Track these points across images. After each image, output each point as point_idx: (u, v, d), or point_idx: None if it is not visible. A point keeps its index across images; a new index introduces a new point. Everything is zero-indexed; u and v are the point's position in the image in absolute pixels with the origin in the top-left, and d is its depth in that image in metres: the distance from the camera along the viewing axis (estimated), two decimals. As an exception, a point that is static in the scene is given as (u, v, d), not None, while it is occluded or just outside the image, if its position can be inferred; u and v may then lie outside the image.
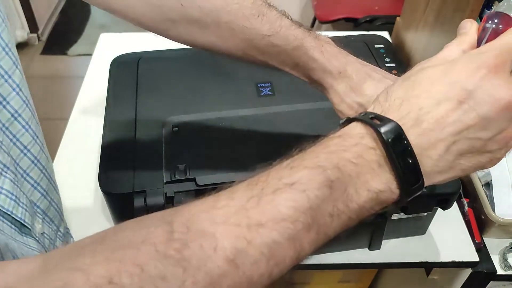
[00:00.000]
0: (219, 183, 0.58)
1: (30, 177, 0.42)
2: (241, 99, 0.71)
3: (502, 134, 0.33)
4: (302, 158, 0.32)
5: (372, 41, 0.86)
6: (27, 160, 0.41)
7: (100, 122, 0.69)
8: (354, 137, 0.33)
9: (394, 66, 0.80)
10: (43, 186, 0.44)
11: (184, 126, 0.67)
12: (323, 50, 0.50)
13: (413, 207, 0.63)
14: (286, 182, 0.30)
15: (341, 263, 0.71)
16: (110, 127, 0.67)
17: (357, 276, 1.20)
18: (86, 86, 1.00)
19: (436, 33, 0.86)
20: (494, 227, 0.71)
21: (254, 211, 0.29)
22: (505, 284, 0.76)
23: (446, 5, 0.80)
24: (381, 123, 0.32)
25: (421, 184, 0.33)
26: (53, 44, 2.67)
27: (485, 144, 0.33)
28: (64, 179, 0.82)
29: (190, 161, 0.61)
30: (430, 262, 0.71)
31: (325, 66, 0.50)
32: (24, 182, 0.41)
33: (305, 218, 0.29)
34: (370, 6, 2.00)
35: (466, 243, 0.73)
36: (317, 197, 0.30)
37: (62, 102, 2.22)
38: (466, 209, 0.76)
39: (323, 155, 0.32)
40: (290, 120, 0.67)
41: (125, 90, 0.73)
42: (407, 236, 0.73)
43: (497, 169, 0.75)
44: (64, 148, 0.86)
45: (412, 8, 0.97)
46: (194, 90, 0.73)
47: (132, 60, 0.79)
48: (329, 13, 2.03)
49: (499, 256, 0.72)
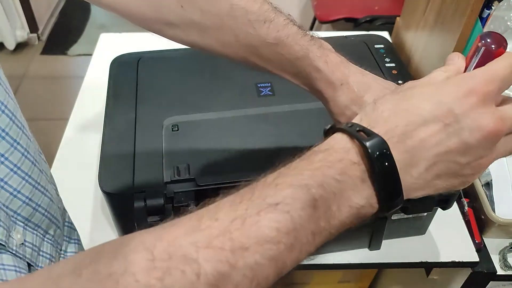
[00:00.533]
0: (219, 183, 0.58)
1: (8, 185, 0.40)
2: (241, 99, 0.71)
3: (478, 161, 0.34)
4: (287, 174, 0.32)
5: (372, 41, 0.86)
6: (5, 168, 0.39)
7: (100, 122, 0.69)
8: (339, 152, 0.33)
9: (394, 66, 0.80)
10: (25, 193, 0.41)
11: (184, 126, 0.67)
12: (328, 60, 0.49)
13: (413, 207, 0.63)
14: (270, 202, 0.30)
15: (341, 263, 0.71)
16: (110, 127, 0.67)
17: (357, 276, 1.20)
18: (86, 86, 1.00)
19: (436, 33, 0.86)
20: (494, 227, 0.71)
21: (238, 233, 0.28)
22: (505, 284, 0.76)
23: (446, 5, 0.80)
24: (368, 137, 0.32)
25: (400, 199, 0.33)
26: (53, 44, 2.67)
27: (461, 168, 0.34)
28: (64, 179, 0.82)
29: (190, 161, 0.61)
30: (430, 262, 0.71)
31: (328, 77, 0.48)
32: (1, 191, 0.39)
33: (288, 239, 0.29)
34: (370, 6, 2.00)
35: (466, 243, 0.73)
36: (300, 217, 0.30)
37: (62, 102, 2.22)
38: (466, 209, 0.76)
39: (307, 172, 0.31)
40: (290, 120, 0.67)
41: (125, 90, 0.73)
42: (407, 236, 0.73)
43: (497, 169, 0.75)
44: (64, 148, 0.87)
45: (412, 8, 0.98)
46: (194, 90, 0.73)
47: (132, 60, 0.79)
48: (329, 13, 2.03)
49: (499, 256, 0.72)
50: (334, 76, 0.49)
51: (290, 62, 0.48)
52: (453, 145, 0.33)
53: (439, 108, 0.33)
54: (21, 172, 0.40)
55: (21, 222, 0.41)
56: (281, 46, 0.47)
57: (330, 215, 0.31)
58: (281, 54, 0.48)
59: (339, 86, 0.49)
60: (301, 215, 0.30)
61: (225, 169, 0.60)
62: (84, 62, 2.47)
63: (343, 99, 0.49)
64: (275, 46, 0.47)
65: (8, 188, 0.39)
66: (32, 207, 0.42)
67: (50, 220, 0.46)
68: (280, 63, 0.49)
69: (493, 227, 0.71)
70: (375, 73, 0.51)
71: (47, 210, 0.45)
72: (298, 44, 0.47)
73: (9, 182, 0.39)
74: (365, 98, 0.49)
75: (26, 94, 2.31)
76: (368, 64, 0.80)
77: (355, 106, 0.49)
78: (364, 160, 0.32)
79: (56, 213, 0.47)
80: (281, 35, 0.47)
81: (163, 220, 0.61)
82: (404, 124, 0.33)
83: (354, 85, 0.49)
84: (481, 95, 0.32)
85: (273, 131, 0.66)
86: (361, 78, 0.50)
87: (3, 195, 0.39)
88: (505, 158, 0.77)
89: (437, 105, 0.33)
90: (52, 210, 0.46)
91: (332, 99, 0.50)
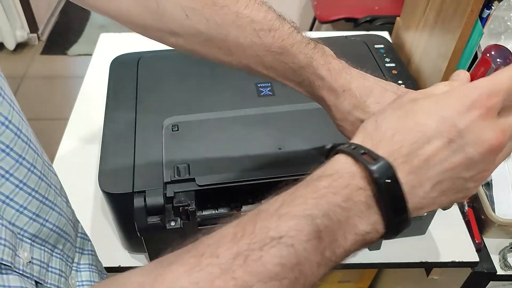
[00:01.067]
0: (219, 183, 0.58)
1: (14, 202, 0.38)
2: (241, 99, 0.71)
3: (482, 173, 0.34)
4: (290, 203, 0.31)
5: (372, 41, 0.86)
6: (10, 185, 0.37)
7: (100, 122, 0.69)
8: (344, 177, 0.31)
9: (394, 66, 0.80)
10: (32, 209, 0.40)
11: (184, 126, 0.67)
12: (330, 68, 0.49)
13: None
14: (273, 236, 0.29)
15: (341, 263, 0.70)
16: (110, 127, 0.67)
17: (357, 276, 1.20)
18: (86, 86, 1.00)
19: (436, 33, 0.86)
20: (494, 227, 0.71)
21: (241, 271, 0.27)
22: (505, 284, 0.75)
23: (446, 5, 0.80)
24: (374, 161, 0.31)
25: (408, 222, 0.32)
26: (53, 44, 2.67)
27: (465, 182, 0.34)
28: (64, 179, 0.82)
29: (190, 161, 0.61)
30: (430, 262, 0.71)
31: (331, 85, 0.49)
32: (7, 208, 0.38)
33: (292, 274, 0.28)
34: (370, 6, 2.00)
35: (466, 243, 0.73)
36: (305, 250, 0.29)
37: (62, 102, 2.22)
38: (466, 209, 0.76)
39: (312, 201, 0.30)
40: (290, 120, 0.67)
41: (125, 90, 0.73)
42: (407, 236, 0.73)
43: (497, 169, 0.75)
44: (64, 148, 0.87)
45: (412, 8, 0.98)
46: (194, 90, 0.73)
47: (132, 60, 0.79)
48: (329, 13, 2.03)
49: (499, 256, 0.72)
50: (337, 83, 0.49)
51: (294, 71, 0.48)
52: (457, 161, 0.32)
53: (442, 124, 0.32)
54: (27, 187, 0.39)
55: (28, 239, 0.40)
56: (286, 55, 0.47)
57: (336, 244, 0.31)
58: (285, 63, 0.48)
59: (342, 93, 0.49)
60: (306, 248, 0.29)
61: (225, 169, 0.60)
62: (84, 62, 2.47)
63: (345, 105, 0.49)
64: (279, 55, 0.47)
65: (14, 205, 0.38)
66: (40, 222, 0.41)
67: (59, 235, 0.45)
68: (284, 72, 0.49)
69: (493, 227, 0.71)
70: (375, 74, 0.52)
71: (55, 224, 0.44)
72: (302, 53, 0.47)
73: (15, 198, 0.38)
74: (367, 103, 0.49)
75: (26, 94, 2.32)
76: (368, 64, 0.81)
77: (357, 111, 0.49)
78: (370, 185, 0.31)
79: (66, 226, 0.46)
80: (285, 44, 0.46)
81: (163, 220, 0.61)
82: (408, 144, 0.32)
83: (356, 90, 0.49)
84: (484, 108, 0.32)
85: (273, 131, 0.66)
86: (362, 83, 0.50)
87: (8, 212, 0.38)
88: (505, 158, 0.77)
89: (440, 122, 0.32)
90: (61, 224, 0.45)
91: (334, 105, 0.50)
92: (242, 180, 0.59)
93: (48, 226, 0.43)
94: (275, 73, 0.49)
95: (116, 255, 0.70)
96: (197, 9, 0.44)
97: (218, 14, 0.44)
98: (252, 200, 0.62)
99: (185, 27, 0.45)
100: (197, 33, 0.46)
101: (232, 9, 0.44)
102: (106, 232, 0.72)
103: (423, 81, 0.90)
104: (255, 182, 0.59)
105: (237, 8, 0.44)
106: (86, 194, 0.78)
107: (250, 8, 0.45)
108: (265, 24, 0.45)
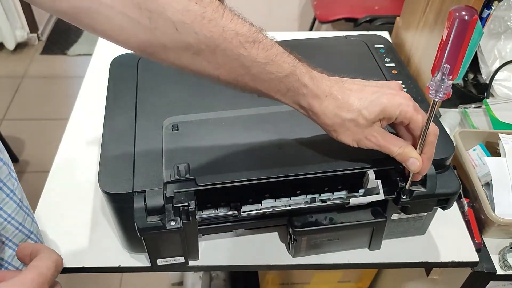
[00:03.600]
0: (219, 183, 0.58)
1: (12, 265, 0.43)
2: (241, 99, 0.71)
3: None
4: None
5: (372, 41, 0.86)
6: (8, 250, 0.43)
7: (100, 122, 0.69)
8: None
9: (394, 66, 0.80)
10: None
11: (184, 126, 0.67)
12: (312, 75, 0.53)
13: (413, 207, 0.63)
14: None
15: (341, 263, 0.71)
16: (110, 127, 0.67)
17: (357, 276, 1.20)
18: (86, 86, 1.00)
19: (436, 33, 0.86)
20: (494, 227, 0.71)
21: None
22: (505, 284, 0.75)
23: (446, 5, 0.80)
24: None
25: None
26: (53, 44, 2.67)
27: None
28: (64, 179, 0.82)
29: (190, 161, 0.61)
30: (430, 262, 0.71)
31: (314, 91, 0.53)
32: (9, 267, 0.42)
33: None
34: (370, 6, 2.00)
35: (466, 243, 0.73)
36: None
37: (62, 102, 2.23)
38: (466, 209, 0.76)
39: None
40: (290, 120, 0.67)
41: (125, 90, 0.73)
42: (407, 236, 0.73)
43: (497, 169, 0.75)
44: (64, 148, 0.87)
45: (412, 8, 0.98)
46: (194, 90, 0.73)
47: (132, 60, 0.79)
48: (329, 13, 2.03)
49: (499, 256, 0.72)
50: (320, 89, 0.53)
51: (280, 81, 0.51)
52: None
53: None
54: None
55: None
56: (271, 65, 0.50)
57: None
58: (271, 73, 0.50)
59: (324, 98, 0.53)
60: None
61: (225, 169, 0.60)
62: (84, 62, 2.47)
63: (330, 109, 0.53)
64: (265, 65, 0.49)
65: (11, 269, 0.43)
66: None
67: None
68: (270, 82, 0.51)
69: (493, 227, 0.71)
70: (375, 74, 0.52)
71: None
72: (285, 62, 0.51)
73: (12, 262, 0.42)
74: (350, 102, 0.53)
75: (26, 94, 2.32)
76: (368, 64, 0.81)
77: (343, 112, 0.53)
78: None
79: None
80: (270, 54, 0.49)
81: (163, 220, 0.61)
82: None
83: (338, 93, 0.53)
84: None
85: (273, 131, 0.66)
86: (341, 85, 0.54)
87: None
88: (504, 158, 0.77)
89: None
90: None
91: (321, 111, 0.54)
92: (242, 180, 0.59)
93: None
94: (262, 84, 0.52)
95: (116, 255, 0.70)
96: (186, 23, 0.45)
97: (206, 28, 0.46)
98: (252, 200, 0.62)
99: (175, 41, 0.47)
100: (187, 47, 0.47)
101: (219, 23, 0.46)
102: (106, 232, 0.73)
103: (423, 81, 0.90)
104: (255, 182, 0.59)
105: (223, 22, 0.46)
106: (86, 194, 0.78)
107: (235, 22, 0.47)
108: (250, 37, 0.48)
